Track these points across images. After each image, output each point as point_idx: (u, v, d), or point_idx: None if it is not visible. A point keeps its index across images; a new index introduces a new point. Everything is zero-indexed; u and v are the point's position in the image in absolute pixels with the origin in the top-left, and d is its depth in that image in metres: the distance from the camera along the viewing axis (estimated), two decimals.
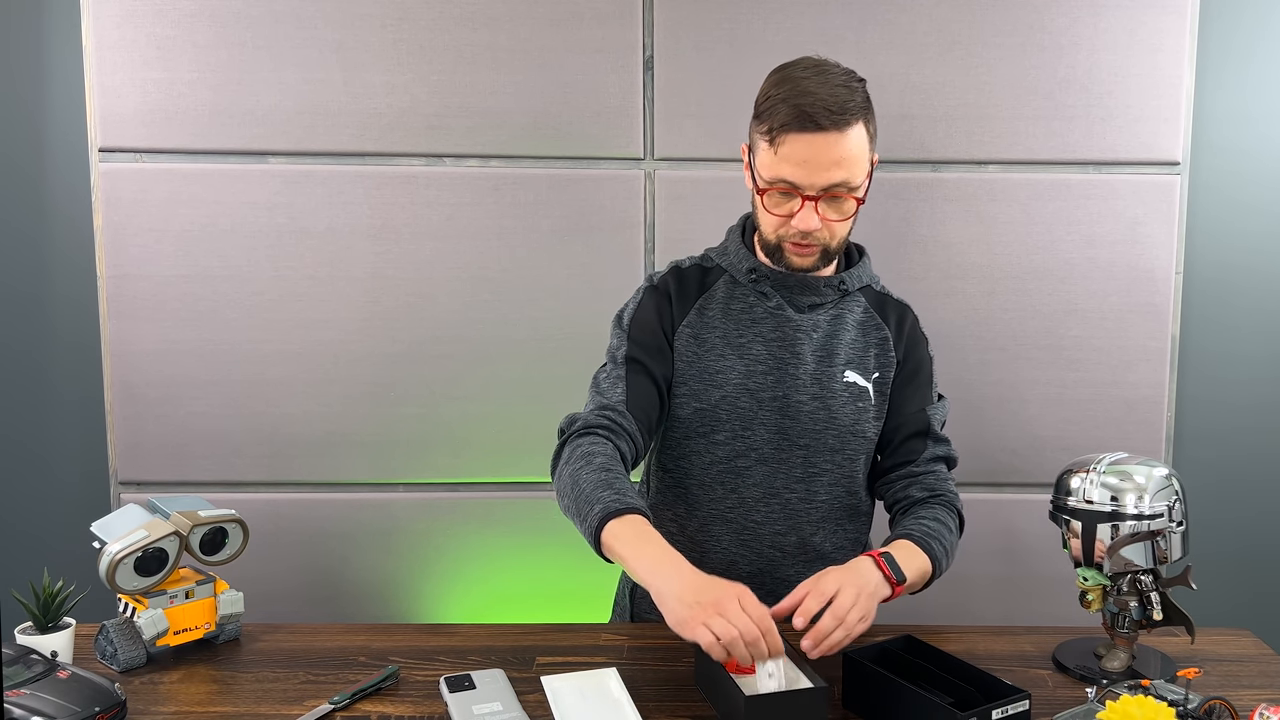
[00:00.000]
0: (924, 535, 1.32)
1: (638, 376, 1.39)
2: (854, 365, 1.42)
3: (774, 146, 1.30)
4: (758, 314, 1.42)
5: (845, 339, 1.43)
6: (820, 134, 1.27)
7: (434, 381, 1.90)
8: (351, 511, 1.93)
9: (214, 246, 1.86)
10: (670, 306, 1.43)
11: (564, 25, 1.83)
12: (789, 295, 1.42)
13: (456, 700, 1.13)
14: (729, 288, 1.45)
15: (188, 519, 1.32)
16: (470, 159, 1.87)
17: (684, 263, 1.49)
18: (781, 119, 1.28)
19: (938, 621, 1.66)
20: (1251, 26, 1.88)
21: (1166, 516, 1.21)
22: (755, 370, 1.40)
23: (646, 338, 1.41)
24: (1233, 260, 1.93)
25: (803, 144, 1.28)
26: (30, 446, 1.98)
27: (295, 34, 1.82)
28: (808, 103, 1.27)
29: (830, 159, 1.28)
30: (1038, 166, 1.86)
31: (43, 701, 1.06)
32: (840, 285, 1.44)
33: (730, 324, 1.42)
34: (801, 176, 1.29)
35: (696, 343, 1.42)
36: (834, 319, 1.43)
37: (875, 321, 1.46)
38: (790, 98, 1.28)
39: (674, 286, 1.45)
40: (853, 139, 1.29)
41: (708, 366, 1.41)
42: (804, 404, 1.39)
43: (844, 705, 1.16)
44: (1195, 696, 1.02)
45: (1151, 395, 1.90)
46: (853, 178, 1.30)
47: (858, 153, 1.30)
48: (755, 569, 1.43)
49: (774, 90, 1.31)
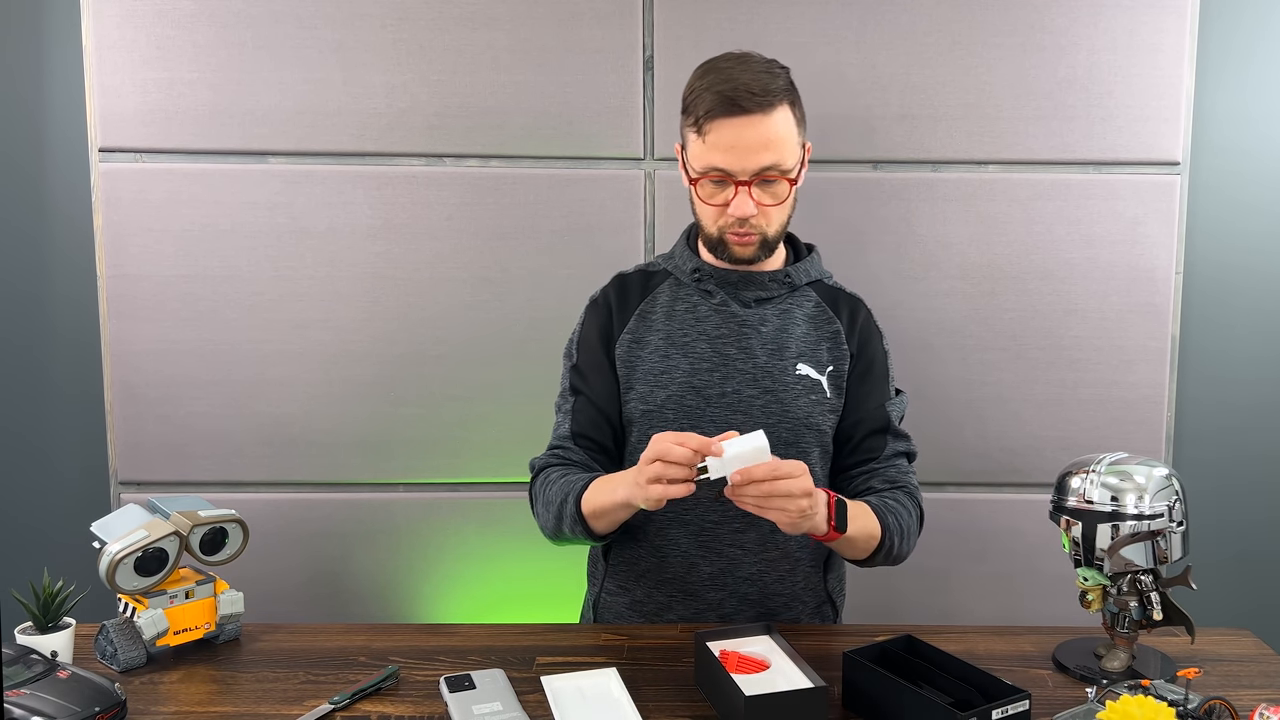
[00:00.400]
0: (882, 506, 1.35)
1: (581, 403, 1.46)
2: (806, 358, 1.42)
3: (702, 136, 1.33)
4: (701, 312, 1.43)
5: (796, 333, 1.43)
6: (745, 117, 1.30)
7: (434, 381, 1.90)
8: (351, 511, 1.93)
9: (214, 246, 1.86)
10: (611, 318, 1.47)
11: (564, 25, 1.83)
12: (733, 292, 1.43)
13: (456, 700, 1.13)
14: (673, 290, 1.47)
15: (188, 519, 1.32)
16: (470, 159, 1.87)
17: (628, 270, 1.52)
18: (706, 106, 1.31)
19: (938, 621, 1.66)
20: (1251, 27, 1.88)
21: (1166, 516, 1.21)
22: (700, 368, 1.41)
23: (588, 359, 1.47)
24: (1233, 260, 1.93)
25: (729, 129, 1.30)
26: (30, 446, 1.98)
27: (295, 34, 1.82)
28: (730, 88, 1.30)
29: (758, 141, 1.31)
30: (1038, 166, 1.86)
31: (43, 701, 1.06)
32: (786, 279, 1.44)
33: (673, 325, 1.44)
34: (732, 161, 1.32)
35: (638, 346, 1.44)
36: (783, 313, 1.44)
37: (827, 315, 1.46)
38: (713, 85, 1.31)
39: (614, 297, 1.48)
40: (778, 121, 1.32)
41: (651, 368, 1.42)
42: (755, 399, 1.40)
43: (844, 705, 1.15)
44: (1195, 696, 1.02)
45: (1151, 395, 1.90)
46: (783, 160, 1.33)
47: (785, 134, 1.33)
48: (717, 569, 1.42)
49: (698, 82, 1.35)
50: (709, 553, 1.42)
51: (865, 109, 1.85)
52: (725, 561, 1.42)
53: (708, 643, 1.20)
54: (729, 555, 1.42)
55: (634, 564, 1.47)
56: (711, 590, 1.43)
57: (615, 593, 1.50)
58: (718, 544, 1.42)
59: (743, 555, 1.42)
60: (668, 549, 1.43)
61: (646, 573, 1.46)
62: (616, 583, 1.50)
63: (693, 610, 1.44)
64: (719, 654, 1.17)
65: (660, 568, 1.44)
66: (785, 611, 1.46)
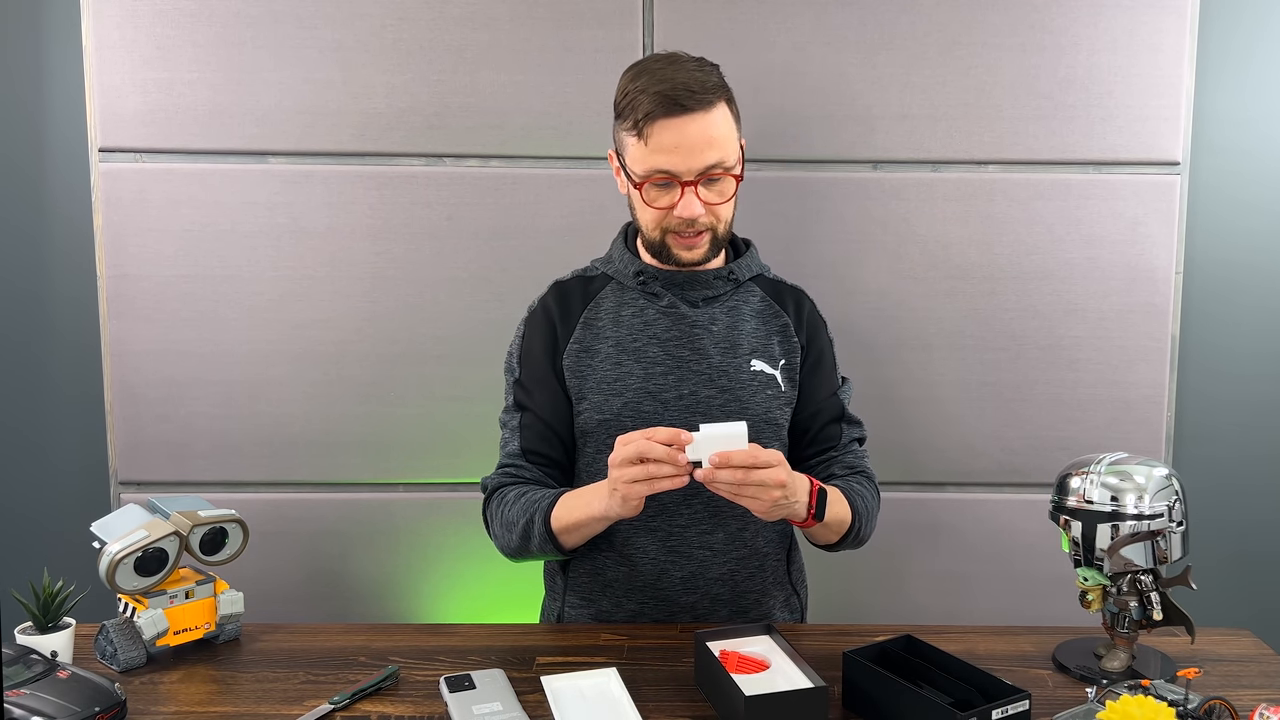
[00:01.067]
0: (849, 491, 1.38)
1: (528, 418, 1.44)
2: (759, 354, 1.42)
3: (643, 139, 1.31)
4: (650, 316, 1.42)
5: (746, 329, 1.43)
6: (687, 115, 1.29)
7: (434, 381, 1.90)
8: (351, 511, 1.93)
9: (214, 246, 1.86)
10: (553, 329, 1.44)
11: (564, 25, 1.83)
12: (680, 292, 1.42)
13: (456, 700, 1.13)
14: (617, 294, 1.44)
15: (188, 519, 1.33)
16: (470, 159, 1.87)
17: (565, 277, 1.49)
18: (646, 108, 1.29)
19: (938, 621, 1.66)
20: (1251, 27, 1.88)
21: (1166, 516, 1.21)
22: (654, 372, 1.39)
23: (532, 372, 1.44)
24: (1233, 260, 1.93)
25: (671, 129, 1.29)
26: (30, 446, 1.98)
27: (295, 34, 1.82)
28: (668, 88, 1.29)
29: (701, 140, 1.30)
30: (1038, 166, 1.86)
31: (43, 701, 1.06)
32: (730, 275, 1.44)
33: (622, 330, 1.42)
34: (677, 163, 1.30)
35: (588, 355, 1.42)
36: (731, 310, 1.43)
37: (774, 309, 1.46)
38: (649, 87, 1.30)
39: (555, 306, 1.45)
40: (719, 118, 1.32)
41: (604, 377, 1.40)
42: (713, 398, 1.39)
43: (844, 705, 1.15)
44: (1195, 696, 1.02)
45: (1151, 395, 1.90)
46: (726, 156, 1.32)
47: (726, 131, 1.32)
48: (687, 573, 1.41)
49: (631, 84, 1.33)
50: (679, 557, 1.41)
51: (865, 109, 1.85)
52: (695, 564, 1.41)
53: (708, 643, 1.20)
54: (698, 558, 1.41)
55: (598, 574, 1.45)
56: (684, 594, 1.42)
57: (579, 605, 1.47)
58: (686, 547, 1.41)
59: (712, 556, 1.42)
60: (636, 557, 1.42)
61: (613, 582, 1.44)
62: (580, 595, 1.47)
63: (665, 614, 1.43)
64: (719, 654, 1.17)
65: (630, 576, 1.43)
66: (756, 608, 1.46)
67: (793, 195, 1.86)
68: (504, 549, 1.41)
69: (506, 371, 1.48)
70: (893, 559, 1.93)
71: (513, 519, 1.36)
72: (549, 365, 1.43)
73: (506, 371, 1.48)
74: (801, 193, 1.87)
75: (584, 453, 1.44)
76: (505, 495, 1.40)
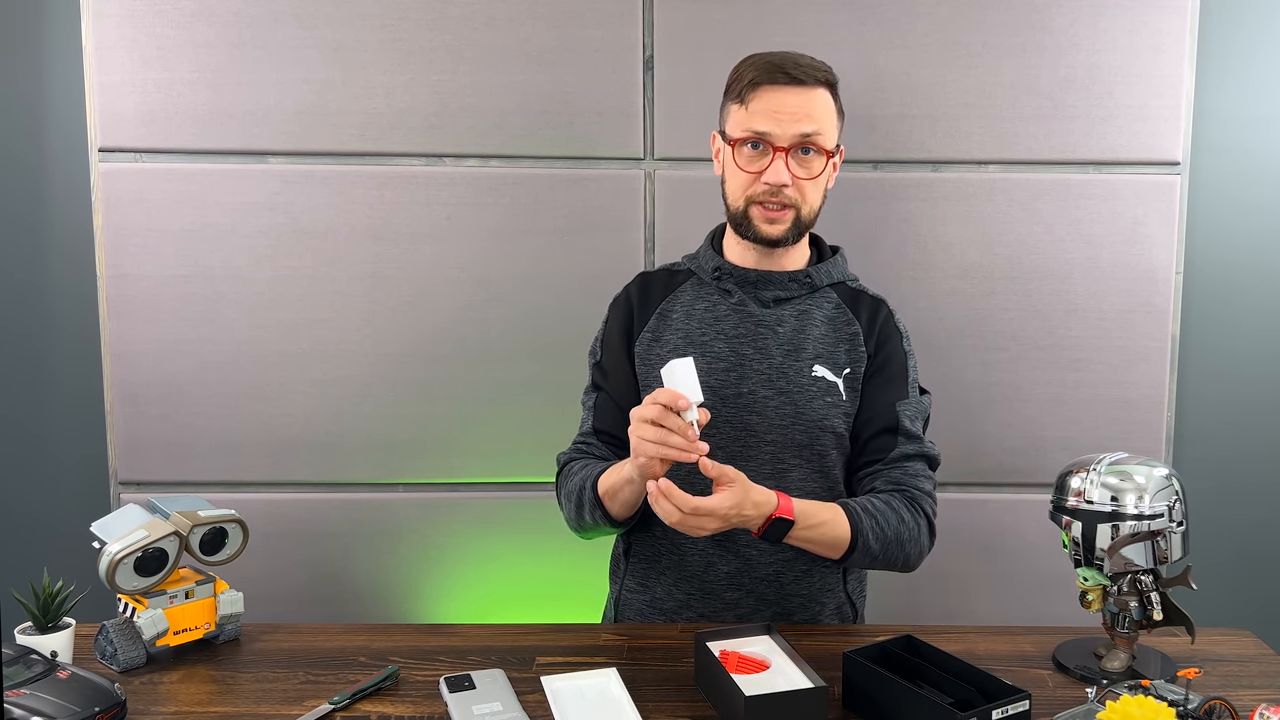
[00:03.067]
0: (860, 509, 1.33)
1: (602, 399, 1.49)
2: (823, 360, 1.41)
3: (745, 104, 1.37)
4: (720, 312, 1.44)
5: (814, 334, 1.42)
6: (791, 86, 1.35)
7: (434, 381, 1.90)
8: (351, 511, 1.93)
9: (214, 246, 1.86)
10: (632, 317, 1.49)
11: (564, 25, 1.83)
12: (752, 291, 1.44)
13: (456, 700, 1.13)
14: (695, 289, 1.48)
15: (188, 519, 1.32)
16: (470, 159, 1.87)
17: (652, 269, 1.55)
18: (752, 75, 1.36)
19: (938, 621, 1.66)
20: (1252, 27, 1.88)
21: (1166, 516, 1.21)
22: (716, 367, 1.41)
23: (609, 357, 1.50)
24: (1233, 260, 1.93)
25: (774, 95, 1.35)
26: (30, 446, 1.98)
27: (295, 34, 1.82)
28: (778, 59, 1.36)
29: (800, 109, 1.35)
30: (1038, 166, 1.86)
31: (43, 701, 1.06)
32: (806, 279, 1.44)
33: (693, 324, 1.44)
34: (773, 125, 1.35)
35: (658, 345, 1.45)
36: (801, 314, 1.43)
37: (846, 317, 1.45)
38: (761, 59, 1.37)
39: (636, 296, 1.50)
40: (821, 97, 1.37)
41: None
42: (769, 399, 1.39)
43: (844, 705, 1.15)
44: (1195, 696, 1.02)
45: (1151, 395, 1.90)
46: (823, 130, 1.37)
47: (826, 112, 1.38)
48: (734, 568, 1.42)
49: (743, 63, 1.40)
50: (726, 551, 1.42)
51: (865, 109, 1.85)
52: (742, 561, 1.42)
53: (708, 643, 1.20)
54: (745, 555, 1.42)
55: (654, 561, 1.48)
56: (729, 589, 1.43)
57: (635, 590, 1.51)
58: (734, 543, 1.42)
59: (759, 555, 1.42)
60: (686, 546, 1.44)
61: (666, 570, 1.47)
62: (637, 580, 1.51)
63: (711, 609, 1.44)
64: (719, 654, 1.17)
65: (679, 565, 1.45)
66: (802, 612, 1.45)
67: None
68: (567, 519, 1.45)
69: (590, 354, 1.53)
70: None
71: (572, 489, 1.41)
72: (624, 351, 1.48)
73: (590, 354, 1.53)
74: None
75: None
76: (572, 469, 1.44)
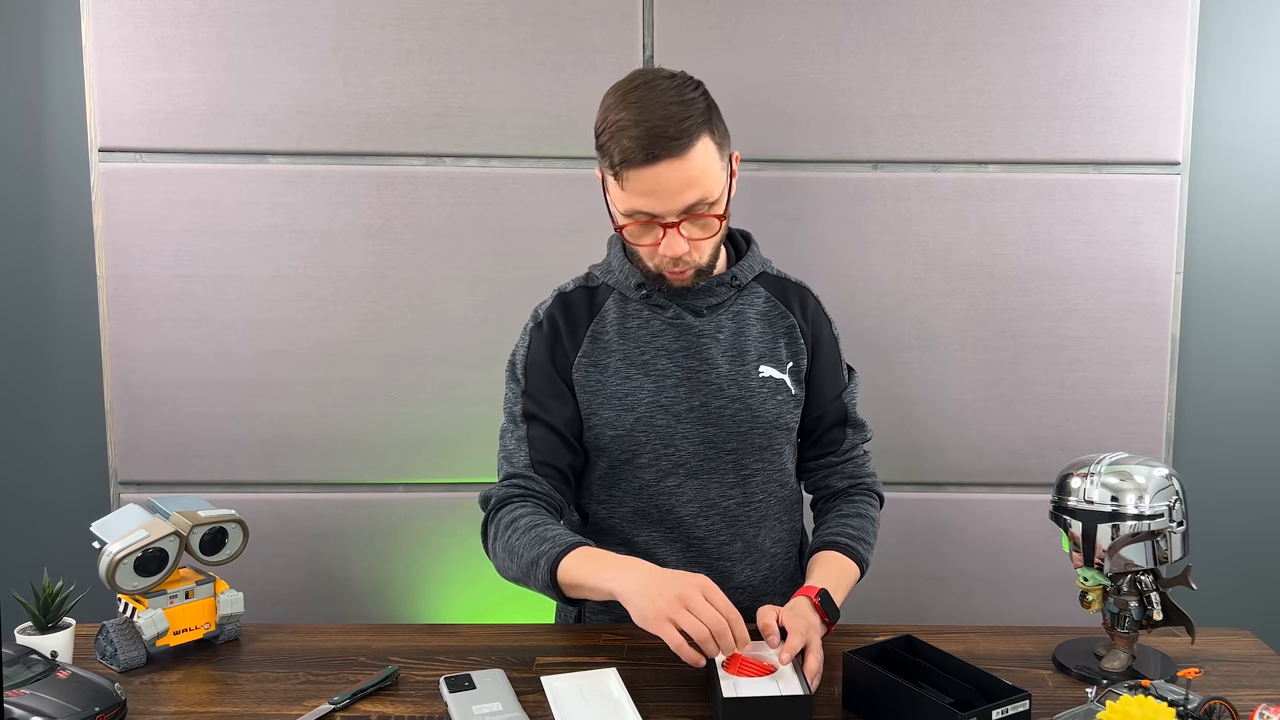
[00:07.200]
0: (849, 540, 1.36)
1: (539, 430, 1.37)
2: (766, 359, 1.41)
3: (619, 182, 1.26)
4: (656, 328, 1.39)
5: (752, 334, 1.41)
6: (662, 163, 1.23)
7: (434, 381, 1.90)
8: (351, 511, 1.93)
9: (214, 246, 1.86)
10: (561, 341, 1.40)
11: (564, 25, 1.83)
12: (685, 302, 1.39)
13: (456, 700, 1.13)
14: (620, 305, 1.41)
15: (188, 519, 1.32)
16: (470, 159, 1.87)
17: (568, 287, 1.44)
18: (619, 156, 1.24)
19: (938, 621, 1.66)
20: (1252, 27, 1.88)
21: (1167, 516, 1.21)
22: (666, 385, 1.37)
23: (541, 384, 1.39)
24: (1233, 260, 1.93)
25: (647, 177, 1.23)
26: (30, 446, 1.98)
27: (295, 34, 1.82)
28: (642, 132, 1.22)
29: (680, 182, 1.24)
30: (1038, 166, 1.86)
31: (43, 701, 1.06)
32: (734, 281, 1.41)
33: (630, 343, 1.39)
34: (655, 205, 1.25)
35: (597, 370, 1.39)
36: (736, 315, 1.41)
37: (779, 310, 1.44)
38: (626, 129, 1.23)
39: (561, 318, 1.41)
40: (697, 155, 1.24)
41: (614, 391, 1.38)
42: (723, 408, 1.38)
43: (844, 705, 1.15)
44: (1195, 696, 1.02)
45: (1151, 395, 1.90)
46: (709, 193, 1.26)
47: (706, 167, 1.26)
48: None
49: (609, 119, 1.26)
50: (700, 567, 1.40)
51: (865, 109, 1.85)
52: (717, 575, 1.37)
53: None
54: (719, 568, 1.41)
55: None
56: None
57: (599, 610, 1.46)
58: (706, 558, 1.41)
59: (732, 565, 1.42)
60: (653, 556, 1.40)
61: None
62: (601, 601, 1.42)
63: None
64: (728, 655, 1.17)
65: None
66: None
67: (793, 195, 1.86)
68: (502, 573, 1.33)
69: (510, 381, 1.42)
70: (893, 559, 1.93)
71: (518, 548, 1.27)
72: (559, 377, 1.39)
73: (510, 381, 1.42)
74: (801, 193, 1.87)
75: (596, 467, 1.42)
76: (514, 515, 1.31)
